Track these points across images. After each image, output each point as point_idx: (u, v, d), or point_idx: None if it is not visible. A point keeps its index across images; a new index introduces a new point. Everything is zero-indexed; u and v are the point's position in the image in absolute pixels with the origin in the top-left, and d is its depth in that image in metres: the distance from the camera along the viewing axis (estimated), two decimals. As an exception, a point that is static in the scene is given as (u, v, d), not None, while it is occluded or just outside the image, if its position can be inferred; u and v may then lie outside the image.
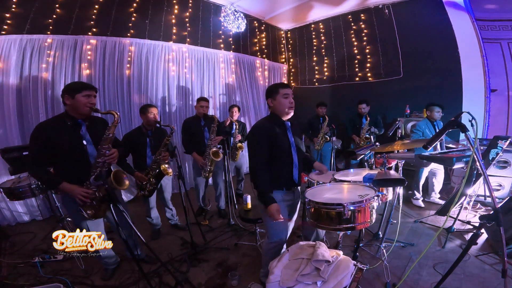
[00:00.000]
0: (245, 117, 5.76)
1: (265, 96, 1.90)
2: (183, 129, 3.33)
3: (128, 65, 4.01)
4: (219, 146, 3.23)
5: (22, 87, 3.26)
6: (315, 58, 6.21)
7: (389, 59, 5.08)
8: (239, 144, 3.88)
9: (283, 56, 6.76)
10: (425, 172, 3.49)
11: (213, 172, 3.31)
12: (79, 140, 1.81)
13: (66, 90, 1.77)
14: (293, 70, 6.78)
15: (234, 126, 3.89)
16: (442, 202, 3.61)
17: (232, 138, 3.84)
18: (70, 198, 1.77)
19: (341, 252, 1.58)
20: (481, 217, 1.54)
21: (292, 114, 1.84)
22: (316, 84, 6.28)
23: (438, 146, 3.37)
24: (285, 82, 6.77)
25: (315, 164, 2.05)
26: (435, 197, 3.63)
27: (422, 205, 3.50)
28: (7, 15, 3.13)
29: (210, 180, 3.68)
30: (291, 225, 2.06)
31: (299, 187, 1.99)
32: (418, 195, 3.57)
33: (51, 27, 3.40)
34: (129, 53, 4.01)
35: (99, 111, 1.85)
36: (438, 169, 3.50)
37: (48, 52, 3.36)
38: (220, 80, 5.23)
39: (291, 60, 6.76)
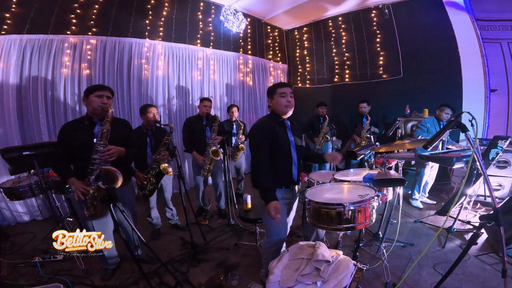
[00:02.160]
0: (246, 117, 5.76)
1: (267, 96, 1.92)
2: (184, 128, 3.33)
3: (128, 65, 4.01)
4: (218, 145, 3.23)
5: (22, 87, 3.25)
6: (315, 58, 6.21)
7: (389, 59, 5.08)
8: (241, 145, 3.87)
9: (283, 56, 6.76)
10: (427, 172, 3.45)
11: (213, 172, 3.32)
12: (90, 138, 1.87)
13: (84, 92, 1.93)
14: (293, 70, 6.78)
15: (235, 126, 3.89)
16: (430, 201, 3.61)
17: (234, 138, 3.84)
18: None
19: (341, 252, 1.58)
20: (481, 217, 1.54)
21: (290, 113, 1.85)
22: (316, 84, 6.28)
23: (440, 146, 3.36)
24: (285, 82, 6.77)
25: (327, 156, 1.96)
26: (424, 196, 3.64)
27: (421, 206, 3.48)
28: (7, 15, 3.13)
29: (210, 180, 3.67)
30: (289, 224, 2.06)
31: (297, 186, 1.99)
32: (418, 195, 3.54)
33: (51, 27, 3.40)
34: (129, 53, 4.00)
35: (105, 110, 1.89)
36: (433, 168, 3.49)
37: (48, 52, 3.36)
38: (220, 80, 5.23)
39: (291, 60, 6.75)
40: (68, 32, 3.51)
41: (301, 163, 1.95)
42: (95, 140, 1.85)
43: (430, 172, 3.50)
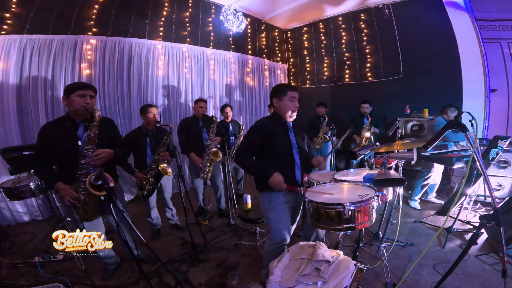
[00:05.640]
0: (244, 117, 5.76)
1: (270, 95, 1.88)
2: (180, 129, 3.27)
3: (128, 65, 4.01)
4: (218, 146, 3.22)
5: (22, 87, 3.25)
6: (315, 58, 6.21)
7: (389, 59, 5.08)
8: None
9: (283, 56, 6.76)
10: (434, 174, 3.39)
11: (212, 174, 3.29)
12: (74, 141, 1.79)
13: (64, 91, 1.81)
14: (293, 70, 6.78)
15: (231, 126, 3.88)
16: (438, 201, 3.60)
17: (234, 138, 3.83)
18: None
19: (341, 252, 1.59)
20: (481, 217, 1.54)
21: (294, 117, 1.85)
22: (316, 84, 6.29)
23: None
24: (285, 82, 6.77)
25: (313, 160, 1.97)
26: (432, 196, 3.62)
27: (419, 207, 3.45)
28: (7, 15, 3.12)
29: (209, 181, 3.66)
30: (293, 227, 2.05)
31: (302, 188, 1.98)
32: (417, 196, 3.49)
33: (51, 27, 3.40)
34: (129, 53, 4.00)
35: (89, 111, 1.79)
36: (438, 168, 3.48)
37: (48, 52, 3.36)
38: (220, 80, 5.23)
39: (291, 60, 6.76)
40: (68, 32, 3.51)
41: (303, 165, 1.93)
42: (79, 143, 1.77)
43: (436, 173, 3.46)
